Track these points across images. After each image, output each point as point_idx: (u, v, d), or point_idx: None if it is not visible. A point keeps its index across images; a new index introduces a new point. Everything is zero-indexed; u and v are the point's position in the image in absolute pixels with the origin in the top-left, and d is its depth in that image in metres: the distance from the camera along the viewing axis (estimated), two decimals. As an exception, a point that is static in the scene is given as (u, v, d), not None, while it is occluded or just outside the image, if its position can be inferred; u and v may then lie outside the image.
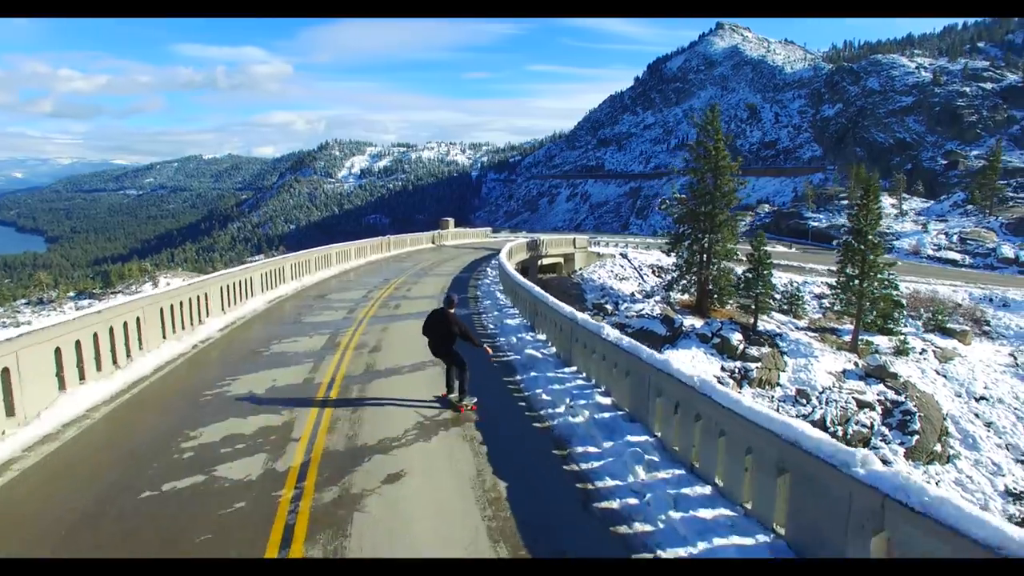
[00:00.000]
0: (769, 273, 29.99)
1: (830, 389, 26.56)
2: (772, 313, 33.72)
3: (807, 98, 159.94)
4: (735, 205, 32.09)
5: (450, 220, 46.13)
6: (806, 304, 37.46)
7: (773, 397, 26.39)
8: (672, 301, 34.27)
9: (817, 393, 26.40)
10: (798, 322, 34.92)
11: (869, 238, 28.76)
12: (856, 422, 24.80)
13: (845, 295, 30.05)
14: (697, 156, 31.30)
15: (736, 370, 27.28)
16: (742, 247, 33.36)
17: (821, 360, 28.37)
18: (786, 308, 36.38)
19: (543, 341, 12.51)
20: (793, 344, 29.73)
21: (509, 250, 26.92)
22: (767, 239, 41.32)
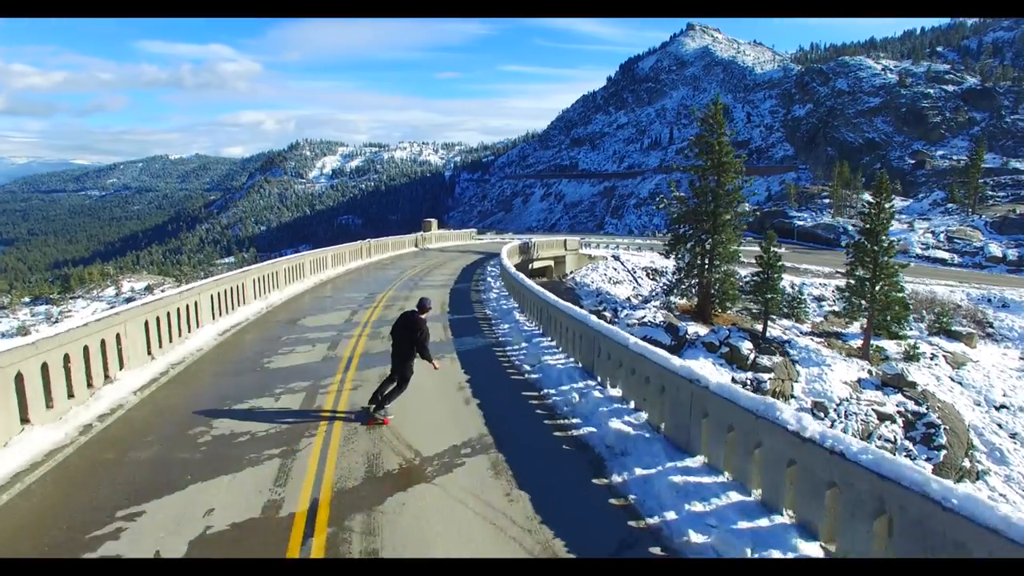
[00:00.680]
0: (779, 276, 28.34)
1: (847, 400, 24.97)
2: (773, 318, 32.16)
3: (778, 98, 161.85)
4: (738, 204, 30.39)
5: (433, 221, 43.47)
6: (807, 307, 36.04)
7: (789, 410, 24.66)
8: (672, 306, 32.46)
9: (835, 405, 24.77)
10: (801, 326, 33.44)
11: (882, 239, 27.30)
12: (879, 436, 23.23)
13: (856, 298, 28.55)
14: (699, 151, 29.41)
15: (748, 382, 25.48)
16: (748, 248, 31.72)
17: (835, 369, 26.82)
18: (786, 311, 34.90)
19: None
20: (803, 352, 28.15)
21: (508, 252, 24.64)
22: (753, 239, 40.17)
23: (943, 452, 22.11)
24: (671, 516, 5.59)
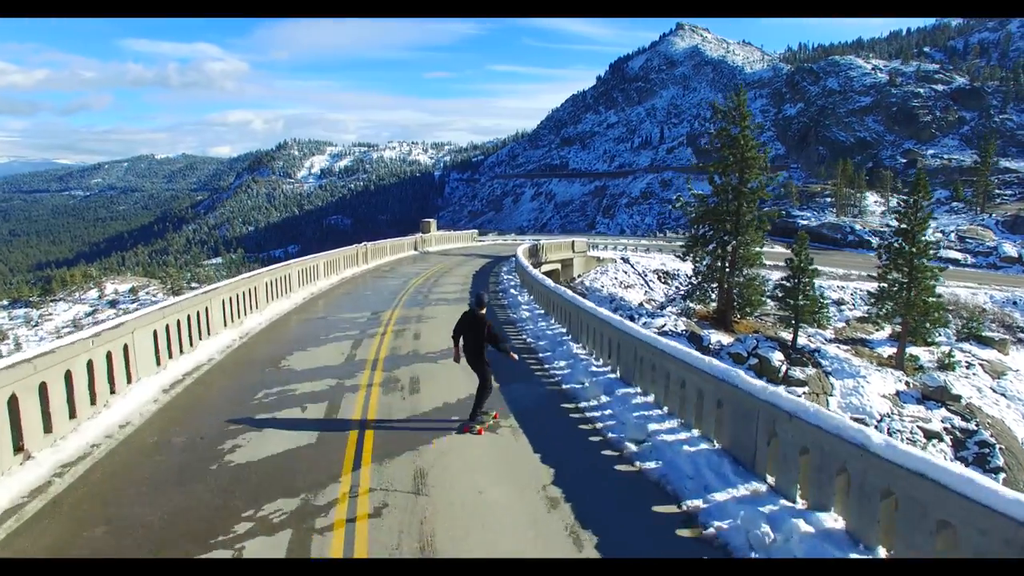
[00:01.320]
0: (811, 281, 26.43)
1: (889, 416, 23.07)
2: (802, 325, 30.30)
3: (768, 98, 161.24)
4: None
5: (432, 222, 41.04)
6: (829, 312, 34.22)
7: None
8: (690, 312, 30.48)
9: (875, 421, 22.83)
10: (824, 333, 31.64)
11: (919, 240, 25.47)
12: (928, 456, 21.31)
13: (891, 303, 26.70)
14: (722, 145, 27.42)
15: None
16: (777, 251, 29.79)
17: (870, 381, 24.94)
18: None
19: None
20: (835, 362, 26.27)
21: (523, 255, 22.34)
22: (768, 240, 38.37)
23: (1002, 475, 20.26)
24: None
